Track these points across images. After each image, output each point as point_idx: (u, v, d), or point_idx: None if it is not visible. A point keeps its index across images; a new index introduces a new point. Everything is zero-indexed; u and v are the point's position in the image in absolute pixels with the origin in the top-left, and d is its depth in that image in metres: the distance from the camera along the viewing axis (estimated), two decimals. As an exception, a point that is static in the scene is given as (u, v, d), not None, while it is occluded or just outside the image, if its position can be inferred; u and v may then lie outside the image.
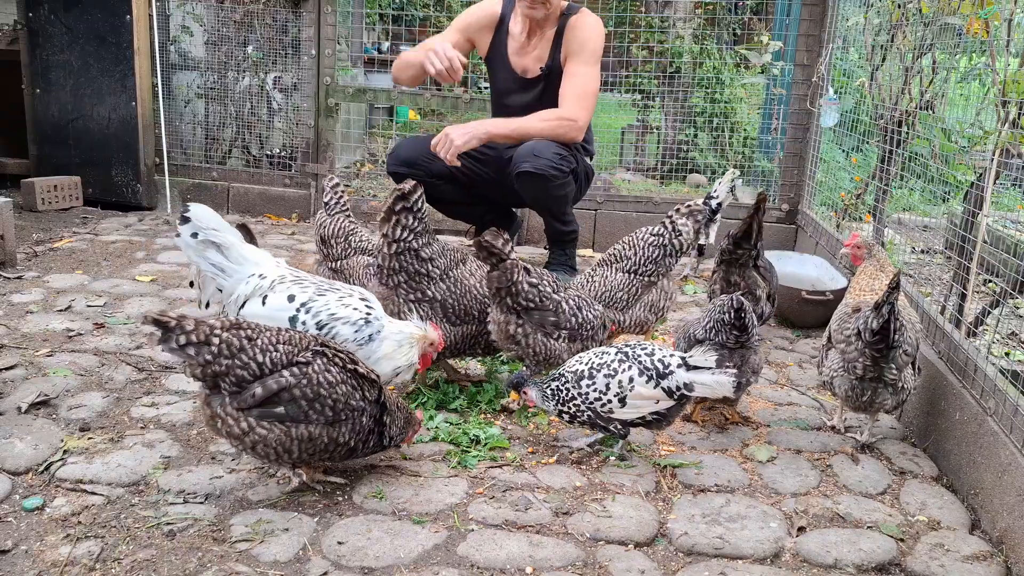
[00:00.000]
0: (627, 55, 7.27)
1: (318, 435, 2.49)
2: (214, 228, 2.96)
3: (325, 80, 6.33)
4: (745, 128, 8.20)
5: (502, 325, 3.26)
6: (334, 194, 4.02)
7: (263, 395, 2.42)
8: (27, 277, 4.65)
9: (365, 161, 8.84)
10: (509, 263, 3.18)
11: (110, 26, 6.18)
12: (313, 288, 3.01)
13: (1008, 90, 3.08)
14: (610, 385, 2.85)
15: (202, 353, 2.39)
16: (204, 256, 2.98)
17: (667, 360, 2.87)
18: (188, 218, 2.92)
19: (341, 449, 2.57)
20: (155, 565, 2.27)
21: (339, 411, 2.51)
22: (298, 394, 2.45)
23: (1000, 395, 2.72)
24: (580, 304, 3.35)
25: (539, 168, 4.47)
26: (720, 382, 2.83)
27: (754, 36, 7.99)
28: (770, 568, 2.42)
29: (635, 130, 8.47)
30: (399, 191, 3.21)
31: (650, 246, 3.79)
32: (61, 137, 6.41)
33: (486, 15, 4.89)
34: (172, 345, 2.39)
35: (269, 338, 2.49)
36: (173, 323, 2.40)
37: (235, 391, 2.44)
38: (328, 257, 3.89)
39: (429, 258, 3.29)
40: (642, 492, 2.78)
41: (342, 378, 2.52)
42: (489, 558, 2.37)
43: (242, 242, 3.06)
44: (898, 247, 5.22)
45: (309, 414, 2.47)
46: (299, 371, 2.46)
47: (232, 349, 2.42)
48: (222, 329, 2.43)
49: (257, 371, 2.44)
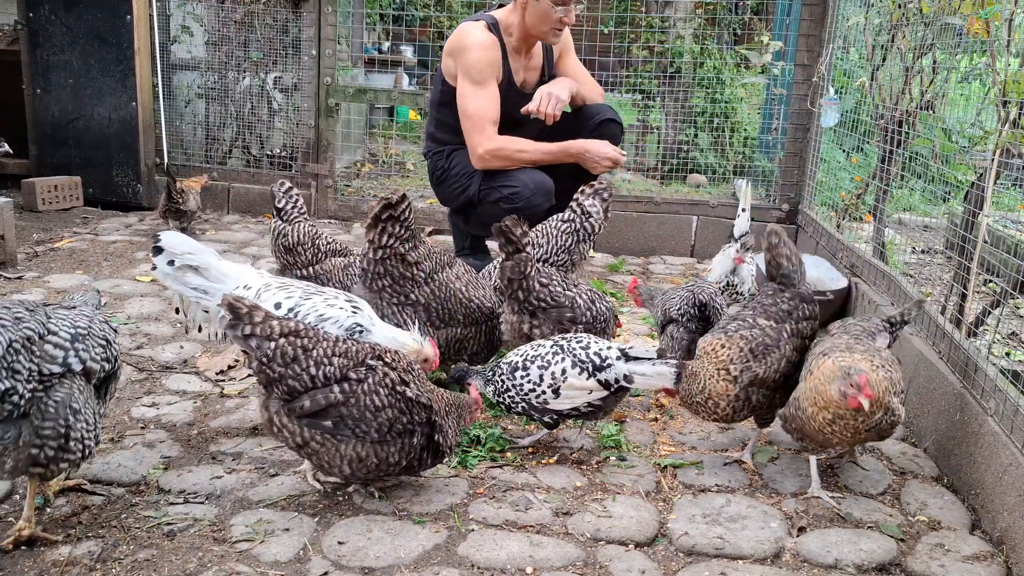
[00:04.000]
0: (627, 55, 7.27)
1: (366, 454, 2.46)
2: (189, 252, 2.89)
3: (325, 80, 6.34)
4: (745, 128, 8.20)
5: (515, 325, 3.25)
6: (288, 199, 3.89)
7: (311, 408, 2.41)
8: (27, 277, 4.66)
9: (365, 161, 8.85)
10: (524, 255, 3.18)
11: (110, 26, 6.18)
12: (299, 292, 2.96)
13: (1008, 90, 3.08)
14: (543, 376, 2.87)
15: (264, 349, 2.38)
16: (184, 282, 2.90)
17: (604, 353, 2.89)
18: (161, 248, 2.86)
19: (393, 468, 2.52)
20: (155, 565, 2.27)
21: (384, 433, 2.46)
22: (345, 412, 2.42)
23: (1000, 395, 2.72)
24: (593, 297, 3.34)
25: (618, 118, 4.75)
26: (660, 373, 2.85)
27: (754, 36, 7.99)
28: (770, 568, 2.42)
29: (635, 130, 8.46)
30: (386, 200, 3.21)
31: (563, 233, 3.82)
32: (61, 137, 6.41)
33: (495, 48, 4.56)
34: (238, 333, 2.39)
35: (325, 349, 2.44)
36: (244, 311, 2.39)
37: (287, 399, 2.42)
38: (296, 264, 3.79)
39: (415, 263, 3.29)
40: (642, 492, 2.78)
41: (389, 402, 2.46)
42: (489, 558, 2.37)
43: (219, 259, 3.00)
44: (899, 247, 5.22)
45: (356, 432, 2.44)
46: (348, 388, 2.42)
47: (286, 358, 2.39)
48: (280, 335, 2.40)
49: (309, 383, 2.41)
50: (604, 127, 4.63)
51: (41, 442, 2.18)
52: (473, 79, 4.46)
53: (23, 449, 2.17)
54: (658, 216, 6.01)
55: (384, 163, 8.61)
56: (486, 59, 4.50)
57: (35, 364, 2.16)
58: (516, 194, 4.43)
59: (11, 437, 2.16)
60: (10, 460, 2.19)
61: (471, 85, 4.47)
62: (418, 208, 6.50)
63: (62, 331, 2.26)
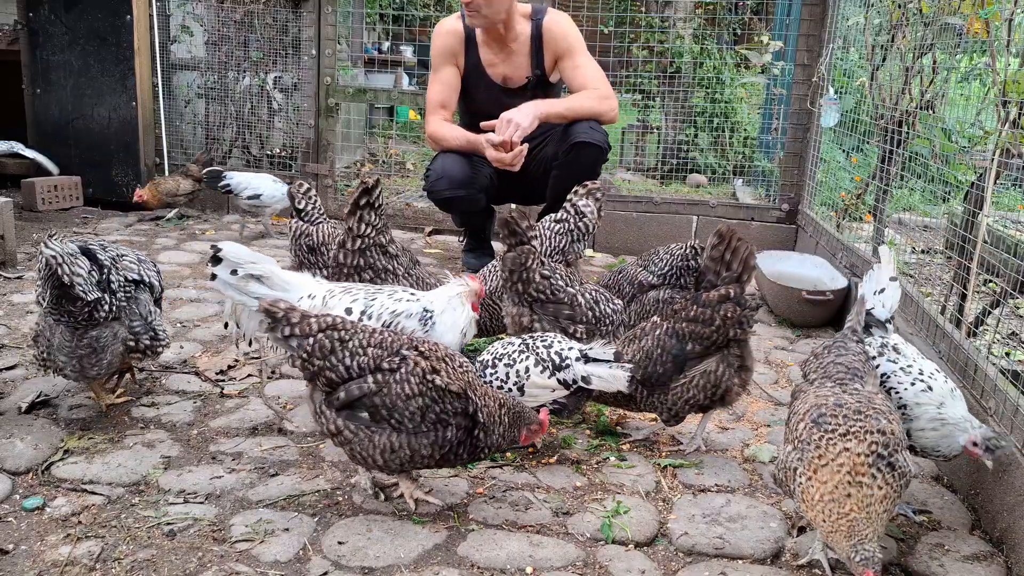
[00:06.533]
0: (627, 55, 7.27)
1: (399, 444, 2.43)
2: (251, 261, 2.88)
3: (325, 80, 6.33)
4: (745, 128, 8.20)
5: (516, 318, 3.26)
6: (308, 200, 3.93)
7: (346, 399, 2.42)
8: (27, 277, 4.65)
9: (365, 161, 8.85)
10: (527, 248, 3.18)
11: (110, 26, 6.19)
12: (363, 294, 3.00)
13: (1008, 90, 3.08)
14: (509, 374, 2.88)
15: (303, 346, 2.41)
16: (247, 292, 2.88)
17: (565, 353, 2.89)
18: (220, 257, 2.83)
19: (426, 460, 2.49)
20: (155, 565, 2.27)
21: (418, 423, 2.44)
22: (378, 402, 2.42)
23: (1000, 395, 2.72)
24: (598, 299, 3.31)
25: (596, 140, 4.56)
26: (615, 376, 2.85)
27: (754, 36, 7.99)
28: (770, 568, 2.42)
29: (635, 130, 8.47)
30: (364, 184, 3.21)
31: (556, 234, 3.84)
32: (61, 137, 6.41)
33: (453, 35, 4.82)
34: (278, 335, 2.43)
35: (361, 340, 2.46)
36: (281, 314, 2.43)
37: (327, 391, 2.45)
38: (318, 264, 3.82)
39: (395, 255, 3.29)
40: (642, 492, 2.78)
41: (420, 390, 2.42)
42: (489, 558, 2.37)
43: (278, 267, 2.99)
44: (899, 247, 5.22)
45: (391, 421, 2.43)
46: (381, 378, 2.43)
47: (324, 351, 2.42)
48: (319, 330, 2.43)
49: (345, 374, 2.43)
50: (577, 150, 4.55)
51: (135, 335, 2.97)
52: (432, 65, 4.90)
53: (119, 344, 2.93)
54: (658, 216, 6.01)
55: (384, 163, 8.61)
56: (439, 46, 4.85)
57: (121, 276, 2.94)
58: (427, 178, 4.80)
59: (108, 336, 2.89)
60: (107, 355, 2.92)
61: (431, 72, 4.89)
62: (418, 208, 6.50)
63: (130, 255, 3.07)
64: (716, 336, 2.89)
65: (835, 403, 2.34)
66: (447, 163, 4.70)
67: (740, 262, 2.89)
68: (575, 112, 4.59)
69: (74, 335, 2.86)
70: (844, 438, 2.22)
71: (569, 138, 4.57)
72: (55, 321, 2.86)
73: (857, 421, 2.25)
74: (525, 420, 2.61)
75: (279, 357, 3.72)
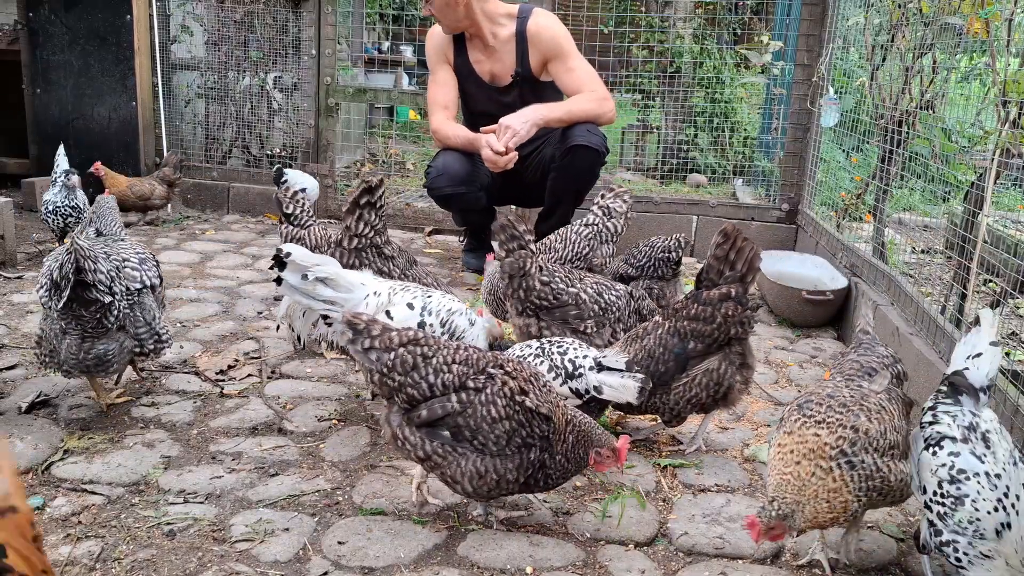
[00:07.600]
0: (627, 55, 7.27)
1: (485, 469, 2.35)
2: (318, 264, 2.82)
3: (325, 80, 6.33)
4: (745, 128, 8.20)
5: (523, 328, 3.21)
6: (296, 204, 3.87)
7: (428, 417, 2.34)
8: (27, 277, 4.65)
9: (365, 161, 8.84)
10: (525, 252, 3.14)
11: (110, 26, 6.18)
12: (419, 291, 3.00)
13: (1008, 90, 3.08)
14: None
15: (384, 360, 2.34)
16: (315, 295, 2.82)
17: (579, 361, 2.84)
18: (286, 262, 2.76)
19: (512, 485, 2.39)
20: (155, 565, 2.27)
21: (503, 447, 2.35)
22: (461, 423, 2.33)
23: (1000, 395, 2.72)
24: (600, 289, 3.27)
25: (593, 144, 4.57)
26: (626, 386, 2.77)
27: (754, 36, 7.99)
28: (770, 568, 2.42)
29: (635, 130, 8.47)
30: (366, 183, 3.20)
31: (581, 239, 3.83)
32: (61, 137, 6.38)
33: (442, 35, 4.91)
34: (358, 348, 2.36)
35: (445, 357, 2.38)
36: (362, 326, 2.37)
37: (406, 408, 2.38)
38: None
39: (391, 256, 3.28)
40: (642, 492, 2.78)
41: (507, 413, 2.33)
42: (489, 558, 2.37)
43: (341, 268, 2.94)
44: (899, 247, 5.22)
45: (474, 443, 2.35)
46: (466, 398, 2.34)
47: (406, 366, 2.34)
48: (400, 344, 2.36)
49: (428, 392, 2.35)
50: (574, 153, 4.56)
51: (140, 341, 3.00)
52: (429, 68, 5.03)
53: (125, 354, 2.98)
54: (658, 216, 6.01)
55: (384, 163, 8.61)
56: (431, 47, 4.99)
57: (125, 284, 2.92)
58: (427, 174, 4.84)
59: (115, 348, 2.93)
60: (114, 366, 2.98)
61: (430, 74, 5.01)
62: (418, 208, 6.50)
63: (131, 257, 3.04)
64: (717, 334, 2.88)
65: (828, 394, 2.36)
66: (448, 160, 4.73)
67: (744, 262, 2.87)
68: (574, 116, 4.60)
69: (80, 347, 2.86)
70: (818, 424, 2.26)
71: (567, 141, 4.58)
72: (62, 330, 2.84)
73: (837, 413, 2.27)
74: (591, 436, 2.43)
75: (278, 357, 3.73)
